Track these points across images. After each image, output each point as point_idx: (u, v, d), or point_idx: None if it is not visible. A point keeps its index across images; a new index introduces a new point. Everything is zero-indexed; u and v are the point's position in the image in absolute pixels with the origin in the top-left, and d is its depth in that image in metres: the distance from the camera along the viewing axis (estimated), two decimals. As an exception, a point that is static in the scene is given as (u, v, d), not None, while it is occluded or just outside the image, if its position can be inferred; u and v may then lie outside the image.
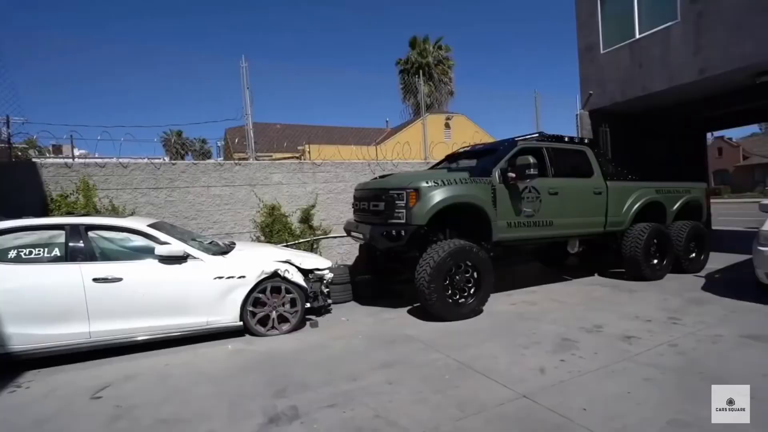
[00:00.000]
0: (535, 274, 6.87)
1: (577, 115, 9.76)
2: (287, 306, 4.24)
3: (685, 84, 7.55)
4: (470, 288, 4.56)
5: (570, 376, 2.85)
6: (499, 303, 4.97)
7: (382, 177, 5.46)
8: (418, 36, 24.22)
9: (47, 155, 7.09)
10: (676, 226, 6.29)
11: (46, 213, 4.75)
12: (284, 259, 4.34)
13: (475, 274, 4.57)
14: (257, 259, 4.22)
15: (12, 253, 3.46)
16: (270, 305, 4.17)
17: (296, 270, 4.32)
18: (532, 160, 4.72)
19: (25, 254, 3.49)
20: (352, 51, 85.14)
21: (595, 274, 6.45)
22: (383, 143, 14.92)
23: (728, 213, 17.24)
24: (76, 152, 6.05)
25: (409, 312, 4.77)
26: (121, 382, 3.09)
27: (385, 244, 4.59)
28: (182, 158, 10.71)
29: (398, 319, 4.58)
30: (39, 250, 3.53)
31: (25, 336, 3.33)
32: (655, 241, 5.90)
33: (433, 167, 6.40)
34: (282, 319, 4.23)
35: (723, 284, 5.40)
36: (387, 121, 23.09)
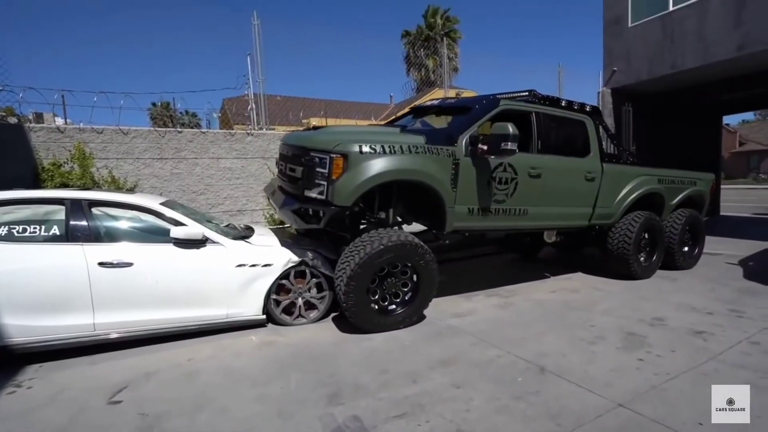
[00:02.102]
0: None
1: (598, 93, 9.33)
2: (313, 291, 3.83)
3: (720, 61, 7.16)
4: (404, 294, 3.62)
5: (660, 380, 2.54)
6: (536, 291, 4.66)
7: (314, 128, 4.21)
8: (432, 5, 23.20)
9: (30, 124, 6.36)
10: (671, 217, 5.55)
11: (37, 184, 4.17)
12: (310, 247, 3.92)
13: (415, 278, 3.60)
14: (283, 246, 3.78)
15: (2, 230, 2.93)
16: (295, 291, 3.76)
17: (323, 258, 3.90)
18: (511, 129, 3.50)
19: (17, 232, 2.96)
20: (353, 22, 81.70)
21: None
22: (388, 119, 14.34)
23: (726, 199, 17.25)
24: (61, 122, 5.36)
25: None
26: (140, 382, 2.65)
27: (299, 224, 3.56)
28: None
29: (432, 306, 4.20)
30: (34, 228, 3.00)
31: (20, 327, 2.84)
32: (645, 234, 5.08)
33: (390, 122, 5.06)
34: (309, 306, 3.83)
35: (763, 272, 5.17)
36: (391, 96, 22.31)
